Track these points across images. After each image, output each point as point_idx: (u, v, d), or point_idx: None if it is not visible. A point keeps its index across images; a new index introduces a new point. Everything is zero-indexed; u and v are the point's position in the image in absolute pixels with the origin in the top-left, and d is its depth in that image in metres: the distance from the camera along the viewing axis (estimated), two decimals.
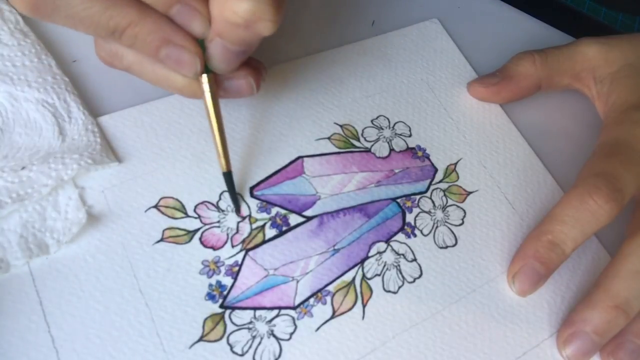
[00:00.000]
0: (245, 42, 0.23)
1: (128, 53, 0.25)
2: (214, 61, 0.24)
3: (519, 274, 0.28)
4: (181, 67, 0.24)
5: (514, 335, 0.28)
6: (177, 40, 0.23)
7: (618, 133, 0.30)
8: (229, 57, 0.24)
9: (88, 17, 0.21)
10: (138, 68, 0.25)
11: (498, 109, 0.35)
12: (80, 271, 0.26)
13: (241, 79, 0.26)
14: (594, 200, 0.27)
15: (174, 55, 0.23)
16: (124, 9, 0.22)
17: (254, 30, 0.21)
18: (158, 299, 0.26)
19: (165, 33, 0.22)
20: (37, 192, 0.26)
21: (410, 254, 0.29)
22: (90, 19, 0.21)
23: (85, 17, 0.21)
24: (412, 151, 0.33)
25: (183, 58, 0.23)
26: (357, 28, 0.37)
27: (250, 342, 0.25)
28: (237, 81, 0.26)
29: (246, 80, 0.26)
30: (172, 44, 0.23)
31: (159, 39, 0.22)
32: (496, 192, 0.32)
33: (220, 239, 0.28)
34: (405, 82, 0.35)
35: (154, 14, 0.22)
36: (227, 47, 0.23)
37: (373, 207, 0.30)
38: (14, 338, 0.24)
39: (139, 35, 0.22)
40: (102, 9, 0.21)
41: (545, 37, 0.40)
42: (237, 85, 0.26)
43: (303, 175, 0.31)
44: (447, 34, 0.38)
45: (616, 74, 0.33)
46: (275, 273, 0.27)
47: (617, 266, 0.27)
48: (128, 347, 0.24)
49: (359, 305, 0.27)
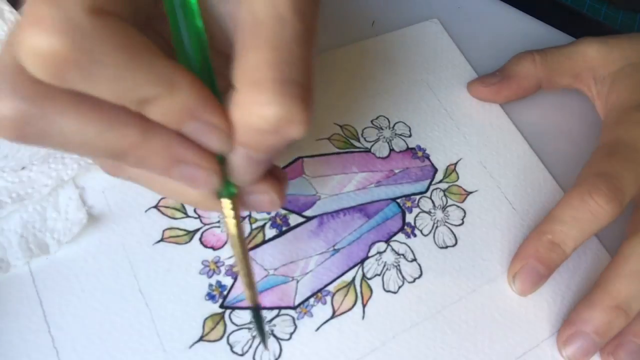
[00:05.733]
0: (273, 148, 0.19)
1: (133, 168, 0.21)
2: (237, 174, 0.20)
3: (520, 274, 0.28)
4: (196, 186, 0.20)
5: (514, 335, 0.28)
6: (190, 159, 0.19)
7: (618, 133, 0.30)
8: (254, 167, 0.20)
9: (83, 143, 0.18)
10: (146, 181, 0.22)
11: (498, 109, 0.35)
12: (81, 271, 0.26)
13: (263, 194, 0.22)
14: (595, 200, 0.27)
15: (187, 174, 0.20)
16: (123, 129, 0.18)
17: (283, 135, 0.18)
18: (158, 299, 0.26)
19: (175, 152, 0.19)
20: (38, 192, 0.26)
21: (410, 254, 0.29)
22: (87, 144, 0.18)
23: (79, 143, 0.18)
24: (412, 151, 0.33)
25: (198, 176, 0.20)
26: (357, 28, 0.37)
27: (250, 342, 0.25)
28: (260, 196, 0.22)
29: (269, 196, 0.22)
30: (184, 163, 0.19)
31: (168, 159, 0.19)
32: (496, 192, 0.32)
33: (220, 239, 0.28)
34: (405, 82, 0.35)
35: (161, 131, 0.19)
36: (251, 156, 0.19)
37: (373, 207, 0.30)
38: (14, 338, 0.24)
39: (144, 157, 0.19)
40: (98, 132, 0.18)
41: (545, 37, 0.40)
42: (259, 200, 0.22)
43: (303, 175, 0.31)
44: (447, 34, 0.38)
45: (616, 74, 0.33)
46: (275, 273, 0.27)
47: (618, 266, 0.27)
48: (128, 347, 0.24)
49: (359, 305, 0.27)
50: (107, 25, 0.16)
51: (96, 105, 0.17)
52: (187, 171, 0.19)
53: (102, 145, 0.18)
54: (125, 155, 0.19)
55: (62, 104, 0.17)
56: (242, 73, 0.18)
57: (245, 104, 0.18)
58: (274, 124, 0.17)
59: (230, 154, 0.20)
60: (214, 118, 0.18)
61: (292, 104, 0.17)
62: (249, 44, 0.18)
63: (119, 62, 0.16)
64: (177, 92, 0.17)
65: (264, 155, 0.20)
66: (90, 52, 0.16)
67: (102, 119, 0.18)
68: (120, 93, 0.17)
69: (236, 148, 0.19)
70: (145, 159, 0.19)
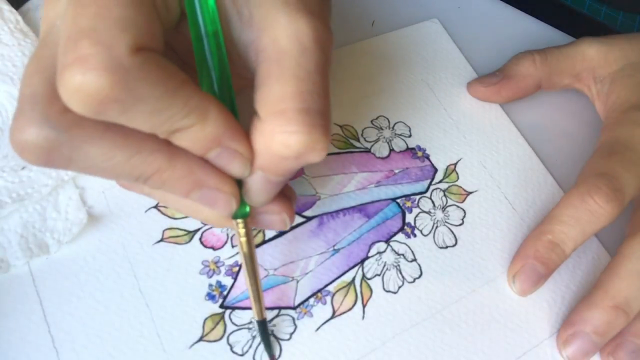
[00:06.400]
0: (291, 172, 0.20)
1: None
2: (252, 195, 0.21)
3: (520, 274, 0.28)
4: (215, 208, 0.21)
5: (514, 335, 0.28)
6: (212, 184, 0.20)
7: (618, 133, 0.30)
8: (269, 189, 0.21)
9: (109, 168, 0.18)
10: (162, 198, 0.23)
11: (498, 109, 0.35)
12: (80, 271, 0.26)
13: (275, 214, 0.23)
14: (595, 200, 0.27)
15: (207, 198, 0.20)
16: (150, 156, 0.18)
17: (303, 161, 0.19)
18: (158, 299, 0.26)
19: (197, 177, 0.19)
20: (38, 192, 0.26)
21: (410, 254, 0.29)
22: (112, 169, 0.18)
23: (104, 168, 0.18)
24: (412, 151, 0.33)
25: (218, 200, 0.20)
26: (357, 28, 0.37)
27: (250, 342, 0.25)
28: (271, 217, 0.23)
29: (280, 217, 0.23)
30: (206, 187, 0.20)
31: (190, 183, 0.20)
32: (496, 192, 0.32)
33: (220, 239, 0.28)
34: (405, 82, 0.35)
35: (186, 157, 0.19)
36: (270, 179, 0.20)
37: (373, 207, 0.30)
38: (14, 338, 0.24)
39: (167, 181, 0.19)
40: (126, 158, 0.18)
41: (545, 37, 0.40)
42: (270, 220, 0.23)
43: (303, 175, 0.31)
44: (447, 34, 0.38)
45: (616, 74, 0.33)
46: (275, 273, 0.27)
47: (617, 266, 0.27)
48: (128, 347, 0.24)
49: (359, 305, 0.27)
50: (147, 62, 0.16)
51: (124, 133, 0.18)
52: (207, 194, 0.20)
53: (127, 170, 0.19)
54: (149, 179, 0.19)
55: (90, 133, 0.18)
56: (267, 102, 0.18)
57: (270, 132, 0.18)
58: (296, 151, 0.18)
59: (249, 177, 0.20)
60: (238, 146, 0.19)
61: (315, 133, 0.18)
62: (273, 73, 0.18)
63: (157, 96, 0.16)
64: (208, 122, 0.18)
65: (281, 178, 0.20)
66: (132, 90, 0.16)
67: (130, 145, 0.18)
68: (156, 125, 0.17)
69: (255, 172, 0.20)
70: (168, 182, 0.19)
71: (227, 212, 0.21)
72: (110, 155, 0.18)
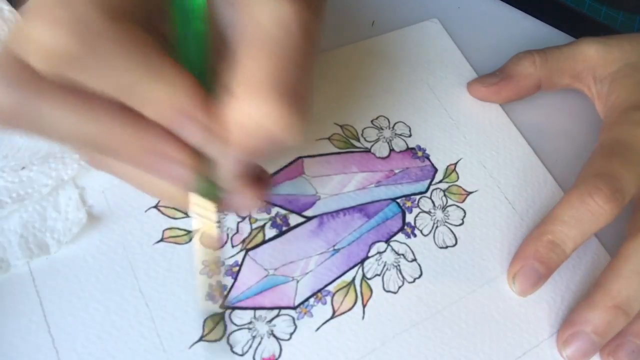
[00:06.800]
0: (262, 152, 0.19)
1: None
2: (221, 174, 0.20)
3: (519, 274, 0.28)
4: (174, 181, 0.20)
5: (514, 335, 0.28)
6: (173, 154, 0.19)
7: (618, 133, 0.30)
8: (239, 169, 0.20)
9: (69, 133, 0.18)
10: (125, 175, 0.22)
11: (498, 109, 0.35)
12: (80, 271, 0.26)
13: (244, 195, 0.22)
14: (595, 200, 0.27)
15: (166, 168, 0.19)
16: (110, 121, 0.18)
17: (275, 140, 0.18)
18: (158, 299, 0.26)
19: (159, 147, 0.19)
20: (38, 192, 0.26)
21: (410, 254, 0.29)
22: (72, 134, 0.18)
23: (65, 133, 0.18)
24: (412, 151, 0.33)
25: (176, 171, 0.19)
26: (357, 28, 0.37)
27: (250, 342, 0.25)
28: (239, 198, 0.22)
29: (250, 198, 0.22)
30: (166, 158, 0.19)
31: (150, 152, 0.19)
32: (496, 192, 0.32)
33: (220, 239, 0.28)
34: (405, 82, 0.35)
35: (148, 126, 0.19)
36: (240, 159, 0.19)
37: (373, 207, 0.30)
38: (14, 338, 0.24)
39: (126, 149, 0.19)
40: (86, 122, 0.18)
41: (545, 37, 0.40)
42: (237, 201, 0.22)
43: (303, 175, 0.31)
44: (447, 34, 0.38)
45: (616, 74, 0.33)
46: (275, 273, 0.27)
47: (618, 266, 0.27)
48: (128, 347, 0.24)
49: (359, 305, 0.27)
50: (118, 26, 0.16)
51: (85, 97, 0.18)
52: (166, 166, 0.19)
53: (85, 135, 0.18)
54: (110, 147, 0.19)
55: (51, 94, 0.18)
56: (242, 77, 0.18)
57: (242, 108, 0.18)
58: (267, 128, 0.18)
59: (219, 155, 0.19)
60: (206, 118, 0.18)
61: (288, 112, 0.17)
62: (252, 51, 0.18)
63: (122, 60, 0.16)
64: (176, 91, 0.18)
65: (251, 158, 0.20)
66: (95, 50, 0.16)
67: (91, 110, 0.18)
68: (118, 88, 0.17)
69: (225, 150, 0.19)
70: (129, 151, 0.19)
71: (184, 184, 0.20)
72: (70, 120, 0.18)
